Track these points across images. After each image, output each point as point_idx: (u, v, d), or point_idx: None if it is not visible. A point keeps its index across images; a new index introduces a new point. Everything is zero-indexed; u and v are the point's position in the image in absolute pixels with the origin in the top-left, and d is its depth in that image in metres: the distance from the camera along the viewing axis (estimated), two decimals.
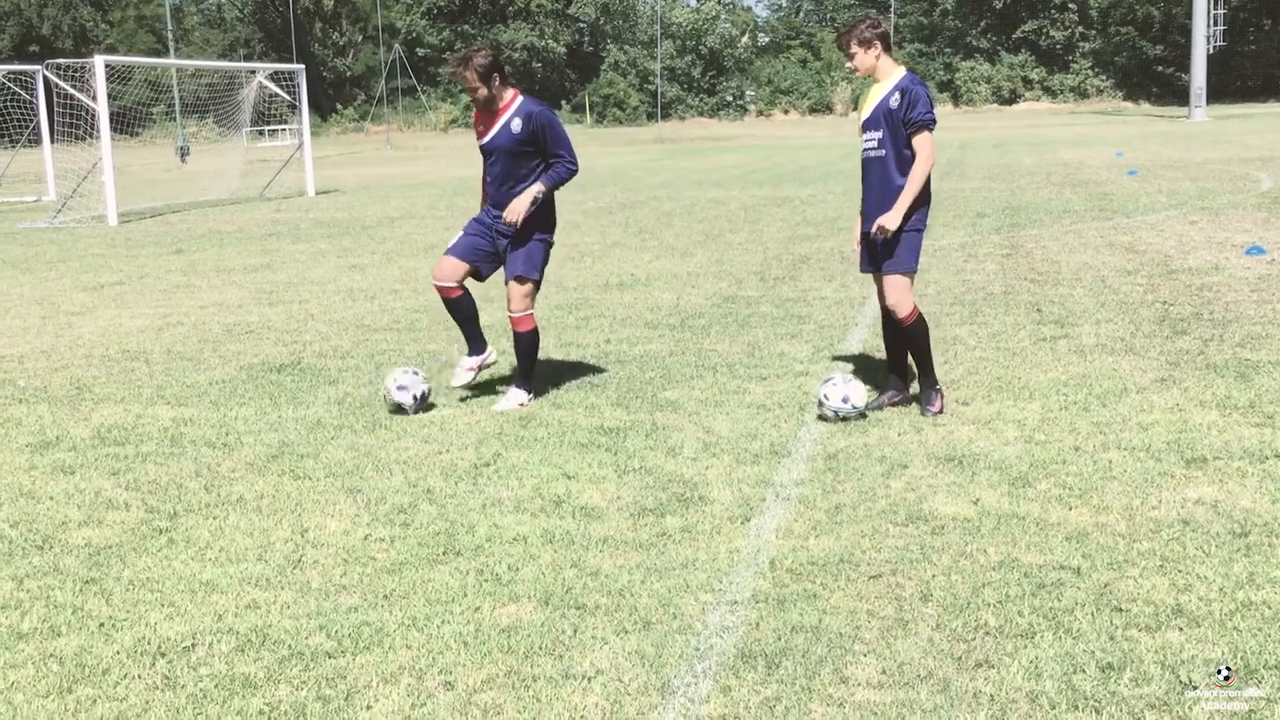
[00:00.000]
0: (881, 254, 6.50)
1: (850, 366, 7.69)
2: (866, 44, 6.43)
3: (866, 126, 6.56)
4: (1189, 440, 5.89)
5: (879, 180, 6.50)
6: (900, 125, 6.36)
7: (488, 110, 6.89)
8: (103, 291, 12.48)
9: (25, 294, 12.48)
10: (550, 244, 7.07)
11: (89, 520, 5.28)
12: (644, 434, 6.34)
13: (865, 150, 6.62)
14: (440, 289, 7.02)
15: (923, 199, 6.45)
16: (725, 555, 4.66)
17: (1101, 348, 8.00)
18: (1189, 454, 5.67)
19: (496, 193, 6.92)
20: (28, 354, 9.11)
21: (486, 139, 6.88)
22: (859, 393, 6.45)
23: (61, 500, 5.56)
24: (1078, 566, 4.41)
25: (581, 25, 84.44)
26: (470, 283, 7.16)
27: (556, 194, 6.98)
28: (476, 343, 7.14)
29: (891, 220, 6.35)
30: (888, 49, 6.51)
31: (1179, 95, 67.50)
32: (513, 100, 6.83)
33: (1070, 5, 79.12)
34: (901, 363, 6.81)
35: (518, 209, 6.77)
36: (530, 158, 6.83)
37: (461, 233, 7.09)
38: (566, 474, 5.70)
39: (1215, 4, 59.32)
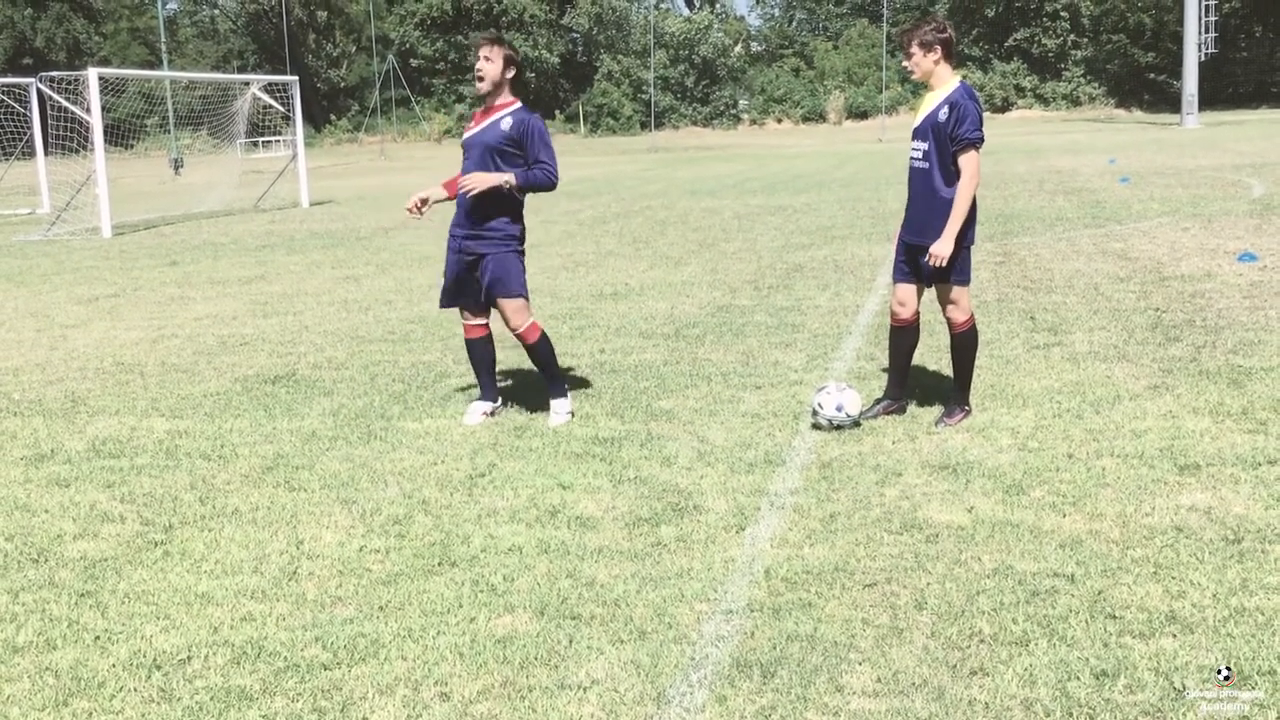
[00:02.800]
0: (936, 272, 6.38)
1: (844, 375, 7.70)
2: (928, 47, 6.29)
3: (916, 135, 6.44)
4: (1182, 447, 5.90)
5: (923, 192, 6.39)
6: (947, 140, 6.22)
7: (487, 105, 6.73)
8: (97, 304, 12.47)
9: (19, 307, 12.47)
10: (522, 252, 6.82)
11: (84, 533, 5.28)
12: (639, 443, 6.35)
13: (912, 159, 6.50)
14: (464, 329, 7.02)
15: (969, 217, 6.33)
16: (720, 564, 4.67)
17: (1094, 355, 8.03)
18: (1182, 461, 5.69)
19: (464, 197, 6.65)
20: (22, 367, 9.11)
21: (471, 132, 6.73)
22: (853, 401, 6.46)
23: (57, 513, 5.56)
24: (1071, 574, 4.43)
25: (575, 35, 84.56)
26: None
27: (552, 208, 6.87)
28: (490, 390, 7.07)
29: (944, 248, 6.22)
30: (949, 56, 6.34)
31: (1171, 102, 67.69)
32: (511, 104, 6.71)
33: (1062, 13, 79.35)
34: (903, 372, 6.80)
35: (480, 179, 6.48)
36: (510, 161, 6.57)
37: (442, 281, 6.94)
38: (561, 484, 5.71)
39: (1207, 11, 59.52)
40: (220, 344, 9.80)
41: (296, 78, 29.85)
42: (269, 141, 47.89)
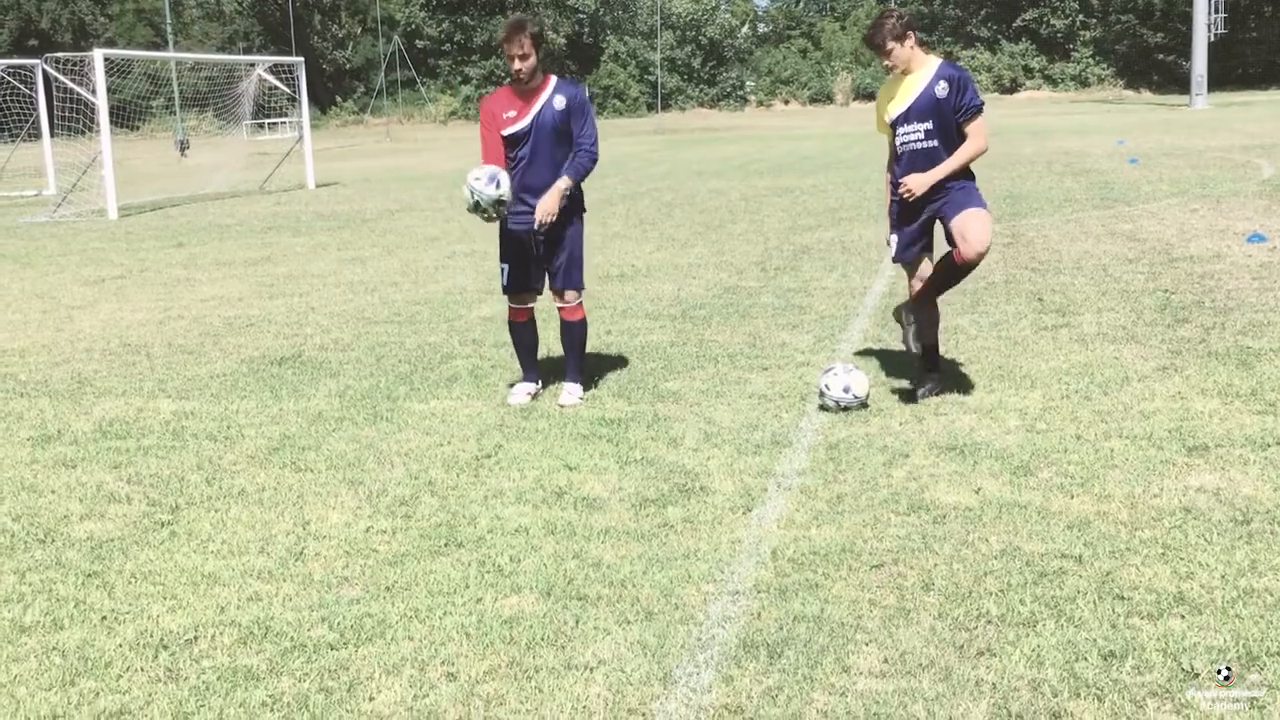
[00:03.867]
0: (953, 203, 6.34)
1: (851, 357, 7.68)
2: (900, 38, 6.31)
3: (909, 119, 6.37)
4: (1191, 428, 5.88)
5: (929, 170, 6.36)
6: (951, 113, 6.25)
7: (526, 89, 6.55)
8: (103, 285, 12.48)
9: (26, 288, 12.48)
10: (582, 219, 6.89)
11: (91, 514, 5.28)
12: (645, 425, 6.34)
13: (909, 143, 6.41)
14: (511, 313, 7.00)
15: (967, 175, 6.40)
16: (727, 545, 4.66)
17: (1103, 336, 8.00)
18: (1191, 442, 5.67)
19: (538, 177, 6.56)
20: (29, 348, 9.12)
21: (525, 121, 6.52)
22: (860, 382, 6.44)
23: (63, 494, 5.56)
24: (1079, 555, 4.41)
25: (581, 16, 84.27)
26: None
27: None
28: (533, 370, 7.09)
29: (918, 183, 6.24)
30: (918, 40, 6.40)
31: (1180, 83, 67.35)
32: (548, 80, 6.58)
33: None
34: (931, 352, 6.74)
35: (550, 208, 6.50)
36: (567, 140, 6.58)
37: (506, 265, 6.87)
38: (568, 465, 5.70)
39: None
40: (226, 325, 9.80)
41: (302, 59, 29.79)
42: (275, 123, 47.86)
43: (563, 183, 6.55)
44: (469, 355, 8.23)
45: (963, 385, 6.79)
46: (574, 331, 6.94)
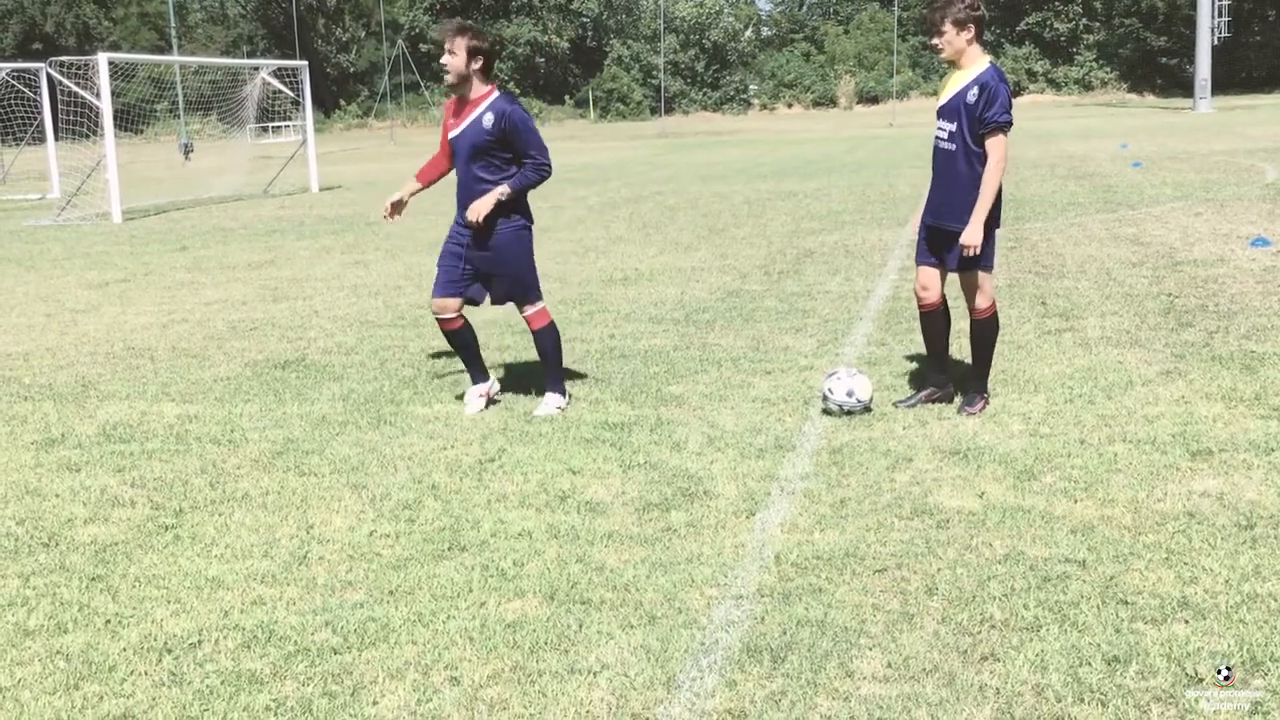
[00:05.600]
0: (959, 254, 6.27)
1: (855, 361, 7.67)
2: (961, 25, 6.10)
3: (942, 115, 6.28)
4: (1194, 433, 5.88)
5: (947, 173, 6.26)
6: (975, 121, 6.08)
7: (460, 97, 6.54)
8: (107, 289, 12.49)
9: (30, 291, 12.49)
10: (529, 228, 6.72)
11: (95, 517, 5.29)
12: (649, 429, 6.34)
13: (938, 139, 6.32)
14: (439, 320, 6.86)
15: (996, 199, 6.22)
16: (730, 550, 4.66)
17: (1106, 340, 7.99)
18: (1194, 446, 5.66)
19: (464, 193, 6.57)
20: (33, 351, 9.13)
21: (457, 130, 6.55)
22: (864, 386, 6.43)
23: (67, 498, 5.57)
24: (1083, 559, 4.41)
25: (585, 20, 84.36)
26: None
27: (560, 194, 6.80)
28: (480, 372, 6.96)
29: (973, 235, 6.11)
30: (980, 36, 6.18)
31: (1184, 87, 67.36)
32: (488, 95, 6.48)
33: None
34: (942, 357, 6.67)
35: (480, 209, 6.43)
36: (499, 159, 6.48)
37: (439, 269, 6.78)
38: (571, 469, 5.70)
39: None
40: (230, 329, 9.81)
41: (306, 63, 29.83)
42: (279, 127, 47.94)
43: (502, 188, 6.45)
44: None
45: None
46: (542, 339, 6.84)
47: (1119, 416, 6.22)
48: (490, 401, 6.94)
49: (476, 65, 6.43)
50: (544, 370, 6.95)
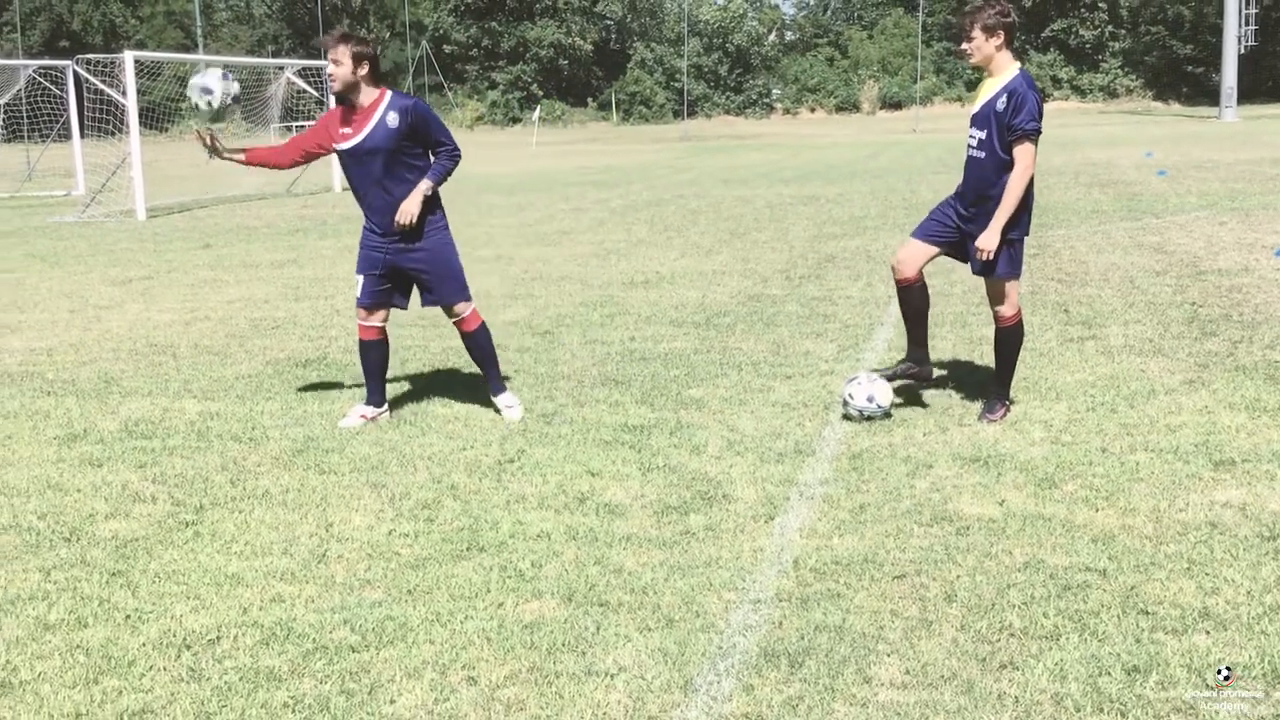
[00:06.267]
0: (985, 264, 6.26)
1: (875, 366, 7.65)
2: (990, 31, 6.07)
3: (973, 123, 6.26)
4: (1217, 442, 5.84)
5: (976, 181, 6.23)
6: (1004, 129, 6.05)
7: (349, 105, 6.38)
8: (131, 286, 12.56)
9: (54, 288, 12.57)
10: (447, 227, 6.66)
11: (116, 513, 5.32)
12: (668, 431, 6.34)
13: (969, 147, 6.31)
14: (362, 328, 6.75)
15: (1023, 206, 6.18)
16: (749, 554, 4.65)
17: (1129, 349, 7.95)
18: (1217, 456, 5.63)
19: (381, 199, 6.43)
20: (56, 347, 9.18)
21: (356, 140, 6.35)
22: (884, 392, 6.41)
23: (89, 493, 5.60)
24: (1104, 568, 4.39)
25: (608, 22, 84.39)
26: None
27: (582, 196, 6.76)
28: (379, 395, 6.81)
29: (988, 241, 6.10)
30: (1010, 42, 6.16)
31: (1209, 95, 66.94)
32: (382, 97, 6.37)
33: (1100, 4, 78.55)
34: (919, 335, 6.60)
35: (410, 210, 6.34)
36: (411, 155, 6.40)
37: (361, 278, 6.64)
38: (590, 471, 5.71)
39: (1247, 3, 58.79)
40: (252, 327, 9.85)
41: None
42: (302, 126, 48.04)
43: (424, 184, 6.40)
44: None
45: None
46: (477, 341, 6.76)
47: (1141, 425, 6.19)
48: (373, 421, 6.73)
49: (364, 71, 6.30)
50: (486, 373, 6.84)
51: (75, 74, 26.56)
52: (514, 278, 12.21)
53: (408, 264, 6.56)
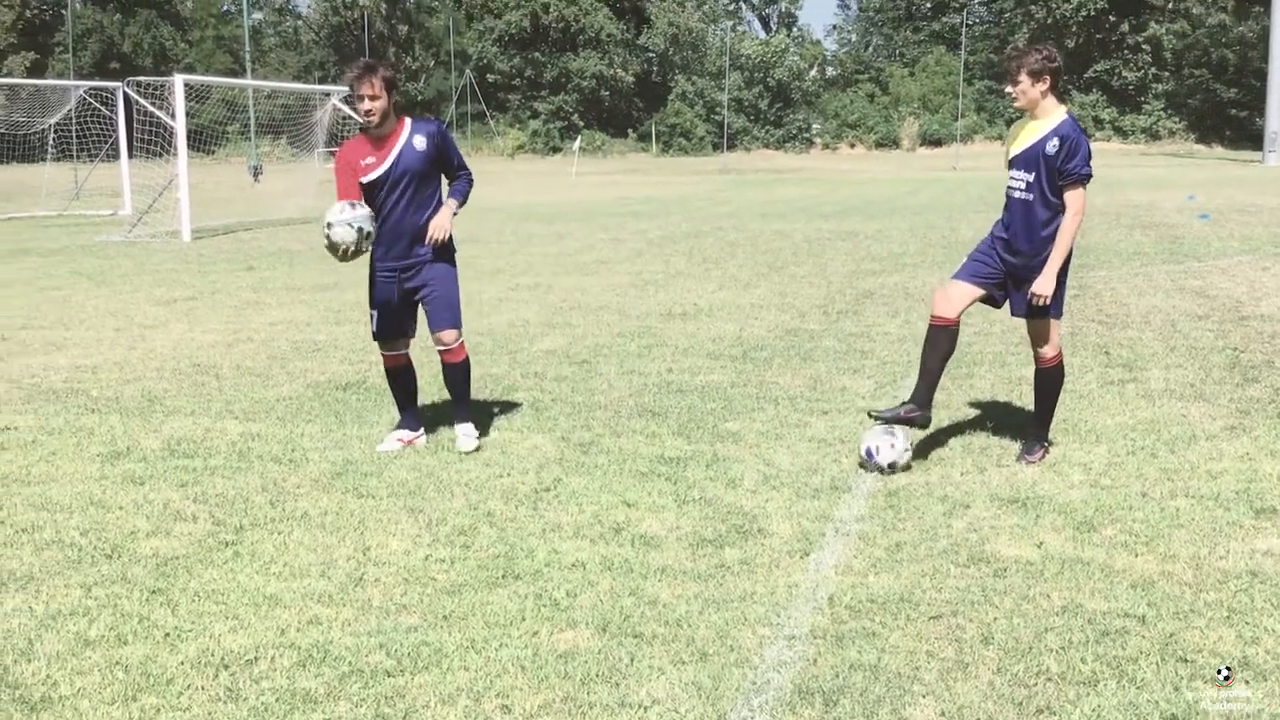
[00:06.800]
0: (1027, 302, 6.26)
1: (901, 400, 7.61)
2: (1037, 76, 6.09)
3: (1016, 165, 6.25)
4: (1259, 490, 5.79)
5: (1023, 223, 6.21)
6: (1054, 173, 6.04)
7: (380, 135, 6.40)
8: (175, 306, 12.71)
9: (100, 306, 12.74)
10: (455, 258, 6.75)
11: (157, 531, 5.37)
12: (704, 464, 6.34)
13: (1012, 189, 6.28)
14: (387, 357, 6.84)
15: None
16: (784, 589, 4.64)
17: (1170, 393, 7.90)
18: (1258, 504, 5.57)
19: (404, 224, 6.45)
20: (101, 365, 9.30)
21: (384, 167, 6.37)
22: (888, 447, 6.17)
23: (131, 510, 5.66)
24: (1143, 615, 4.35)
25: (651, 55, 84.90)
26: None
27: (621, 227, 6.75)
28: (414, 419, 6.91)
29: (1045, 286, 6.11)
30: (1055, 86, 6.19)
31: (1253, 139, 66.50)
32: (402, 123, 6.45)
33: (1144, 46, 78.35)
34: (937, 378, 6.49)
35: (443, 224, 6.45)
36: (433, 179, 6.53)
37: (376, 311, 6.68)
38: (626, 502, 5.72)
39: None
40: (294, 349, 9.94)
41: None
42: None
43: (453, 203, 6.56)
44: (530, 388, 8.29)
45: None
46: (454, 373, 6.77)
47: (1182, 471, 6.14)
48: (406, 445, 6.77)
49: (394, 98, 6.37)
50: (456, 403, 6.83)
51: (125, 95, 26.97)
52: (552, 306, 12.27)
53: (415, 285, 6.62)
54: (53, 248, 19.88)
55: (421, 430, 6.93)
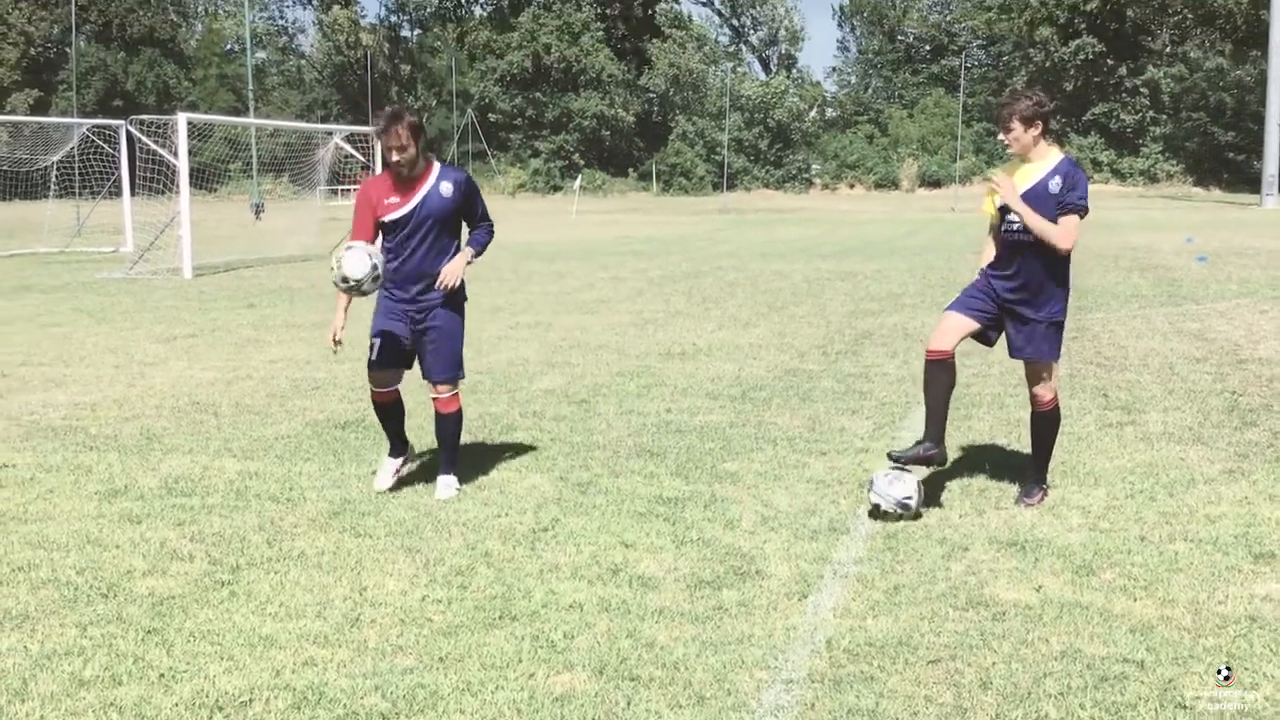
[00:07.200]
0: (1026, 344, 6.28)
1: (910, 444, 7.61)
2: (1029, 122, 6.13)
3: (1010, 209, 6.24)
4: (1257, 534, 5.78)
5: (1023, 264, 6.20)
6: (1055, 208, 6.07)
7: (408, 177, 6.38)
8: (175, 343, 12.73)
9: (100, 343, 12.75)
10: (464, 306, 6.71)
11: (153, 570, 5.36)
12: (702, 505, 6.33)
13: (1012, 232, 6.25)
14: (376, 393, 6.76)
15: (1064, 288, 6.24)
16: (781, 632, 4.63)
17: (1169, 436, 7.90)
18: (1257, 549, 5.57)
19: (419, 267, 6.43)
20: (100, 402, 9.30)
21: (407, 208, 6.37)
22: (911, 484, 6.20)
23: (127, 549, 5.65)
24: (1141, 660, 4.34)
25: (651, 95, 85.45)
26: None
27: (621, 266, 6.79)
28: (402, 442, 6.90)
29: (1008, 192, 6.11)
30: (1048, 130, 6.24)
31: (1251, 182, 66.85)
32: (431, 168, 6.45)
33: (1142, 90, 78.94)
34: (944, 413, 6.42)
35: (456, 271, 6.43)
36: (454, 226, 6.52)
37: (379, 340, 6.58)
38: (624, 542, 5.71)
39: None
40: (293, 387, 9.94)
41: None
42: (348, 189, 48.73)
43: (468, 251, 6.54)
44: (529, 427, 8.29)
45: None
46: (446, 425, 6.70)
47: (1180, 514, 6.13)
48: (397, 475, 6.79)
49: (420, 143, 6.35)
50: (443, 452, 6.76)
51: (128, 133, 27.10)
52: (552, 345, 12.29)
53: (421, 328, 6.55)
54: (54, 284, 19.93)
55: (408, 453, 6.93)
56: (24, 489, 6.74)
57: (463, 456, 7.42)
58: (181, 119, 22.17)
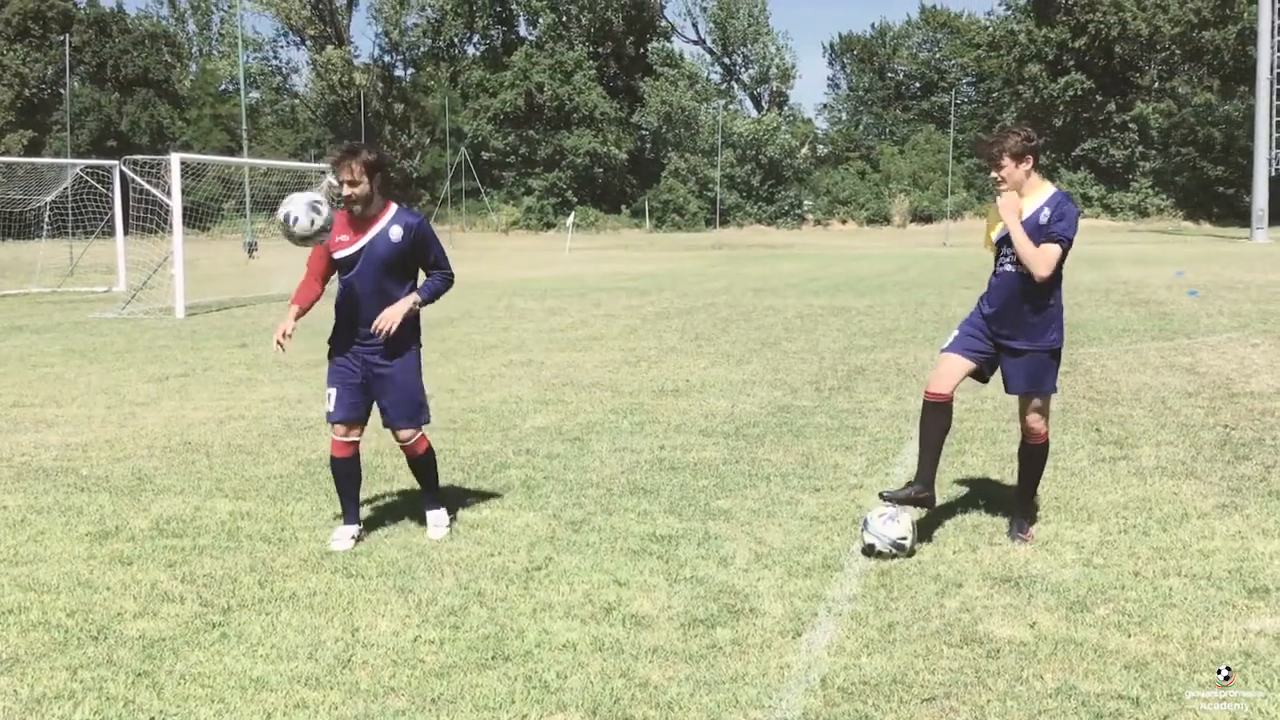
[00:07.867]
0: (1024, 378, 6.28)
1: (903, 480, 7.61)
2: (1019, 158, 6.15)
3: (1006, 242, 6.26)
4: (1251, 569, 5.78)
5: (1013, 297, 6.22)
6: (1041, 239, 6.09)
7: (362, 216, 6.25)
8: (167, 383, 12.71)
9: (92, 383, 12.73)
10: (418, 351, 6.53)
11: (144, 612, 5.33)
12: (696, 542, 6.32)
13: (1005, 265, 6.28)
14: (336, 443, 6.53)
15: (1057, 318, 6.25)
16: (775, 670, 4.61)
17: (1161, 470, 7.90)
18: (1251, 583, 5.56)
19: (367, 310, 6.25)
20: (91, 443, 9.28)
21: (354, 248, 6.23)
22: (907, 528, 6.19)
23: (118, 591, 5.62)
24: (1136, 697, 4.33)
25: (644, 133, 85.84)
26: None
27: (614, 302, 6.75)
28: (355, 512, 6.58)
29: (1011, 204, 6.13)
30: (1038, 164, 6.27)
31: (1240, 216, 67.22)
32: (386, 209, 6.30)
33: (1130, 125, 79.41)
34: (938, 455, 6.46)
35: (392, 316, 6.18)
36: (403, 272, 6.30)
37: (333, 391, 6.41)
38: (618, 581, 5.69)
39: (1278, 126, 59.29)
40: (285, 426, 9.93)
41: None
42: None
43: (414, 297, 6.31)
44: (522, 465, 8.28)
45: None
46: (420, 466, 6.60)
47: (1174, 549, 6.13)
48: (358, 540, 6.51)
49: (377, 182, 6.21)
50: (425, 491, 6.67)
51: (122, 174, 27.16)
52: (545, 382, 12.29)
53: (373, 376, 6.37)
54: (46, 325, 19.91)
55: (361, 525, 6.61)
56: (15, 531, 6.72)
57: (455, 495, 7.42)
58: (175, 159, 22.26)
